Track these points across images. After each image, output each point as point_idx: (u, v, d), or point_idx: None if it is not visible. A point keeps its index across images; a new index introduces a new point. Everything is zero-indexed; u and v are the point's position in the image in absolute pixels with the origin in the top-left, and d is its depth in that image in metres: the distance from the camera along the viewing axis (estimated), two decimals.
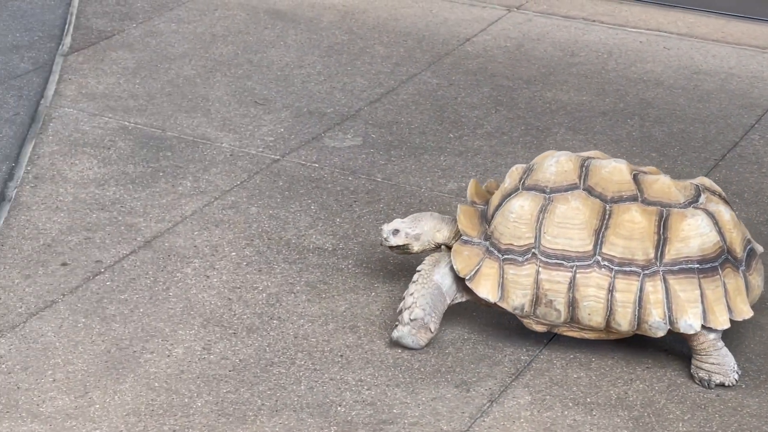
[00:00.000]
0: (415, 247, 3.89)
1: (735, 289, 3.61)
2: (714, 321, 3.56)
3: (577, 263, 3.60)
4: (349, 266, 4.17)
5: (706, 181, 3.81)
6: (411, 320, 3.71)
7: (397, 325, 3.75)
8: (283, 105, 5.27)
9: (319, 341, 3.81)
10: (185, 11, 6.22)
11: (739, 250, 3.67)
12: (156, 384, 3.59)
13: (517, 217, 3.67)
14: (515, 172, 3.81)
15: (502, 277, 3.67)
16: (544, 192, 3.69)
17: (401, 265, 4.16)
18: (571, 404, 3.54)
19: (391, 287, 4.05)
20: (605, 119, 5.16)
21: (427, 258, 3.82)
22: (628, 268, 3.58)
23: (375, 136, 5.01)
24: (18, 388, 3.56)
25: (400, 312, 3.74)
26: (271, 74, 5.55)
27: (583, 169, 3.71)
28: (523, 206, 3.67)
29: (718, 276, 3.59)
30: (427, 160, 4.83)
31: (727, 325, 3.57)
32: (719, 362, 3.60)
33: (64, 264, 4.16)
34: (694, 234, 3.58)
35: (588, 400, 3.56)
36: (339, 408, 3.52)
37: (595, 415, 3.50)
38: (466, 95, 5.37)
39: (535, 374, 3.67)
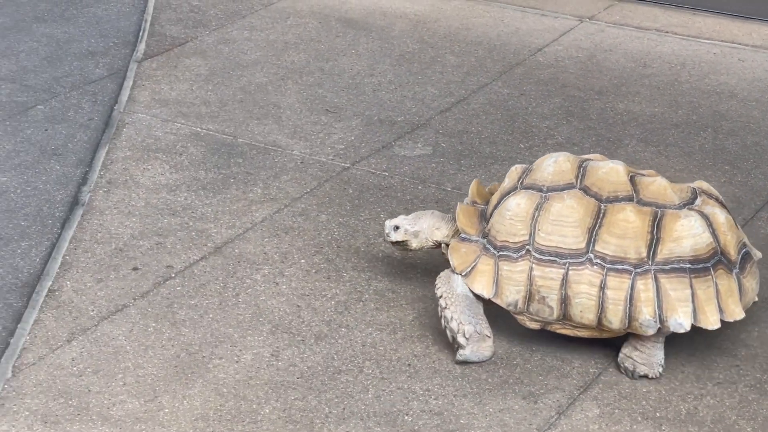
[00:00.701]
0: (414, 243, 3.96)
1: (727, 291, 3.63)
2: (704, 321, 3.59)
3: (570, 260, 3.64)
4: (418, 275, 4.17)
5: (704, 185, 3.84)
6: (467, 338, 3.72)
7: (457, 349, 3.74)
8: (353, 113, 5.28)
9: (387, 350, 3.81)
10: (258, 19, 6.26)
11: (733, 252, 3.69)
12: (224, 390, 3.61)
13: (513, 214, 3.72)
14: (514, 172, 3.87)
15: (497, 273, 3.71)
16: (540, 191, 3.74)
17: None
18: (640, 419, 3.51)
19: None
20: (677, 131, 5.11)
21: (437, 281, 3.81)
22: (620, 266, 3.61)
23: (445, 145, 5.00)
24: (89, 391, 3.59)
25: (453, 339, 3.74)
26: (342, 82, 5.56)
27: (581, 169, 3.76)
28: (519, 204, 3.72)
29: (710, 276, 3.61)
30: (497, 170, 4.82)
31: (717, 325, 3.60)
32: (650, 354, 3.65)
33: (135, 269, 4.20)
34: (687, 234, 3.61)
35: (657, 414, 3.53)
36: (406, 417, 3.51)
37: (664, 430, 3.47)
38: (537, 105, 5.35)
39: (604, 387, 3.64)
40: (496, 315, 3.79)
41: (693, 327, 3.62)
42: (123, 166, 4.84)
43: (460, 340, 3.72)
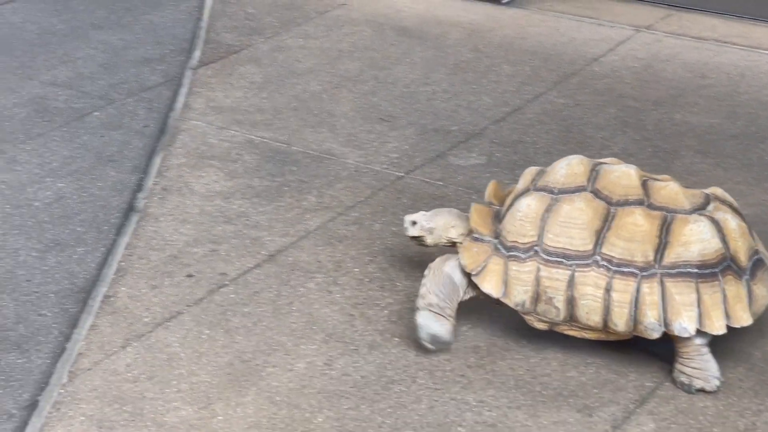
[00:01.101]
0: (429, 240, 3.99)
1: (735, 296, 3.62)
2: (710, 326, 3.58)
3: (577, 262, 3.66)
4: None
5: (718, 191, 3.84)
6: (427, 305, 3.78)
7: (416, 312, 3.80)
8: (408, 122, 5.28)
9: (440, 360, 3.80)
10: (312, 27, 6.28)
11: (743, 258, 3.68)
12: (278, 398, 3.62)
13: (523, 215, 3.74)
14: (528, 174, 3.90)
15: (506, 273, 3.74)
16: (552, 193, 3.76)
17: None
18: None
19: (513, 310, 4.02)
20: (736, 142, 5.07)
21: (438, 258, 3.88)
22: (626, 269, 3.62)
23: (500, 155, 4.99)
24: (143, 397, 3.61)
25: (416, 304, 3.82)
26: (397, 91, 5.57)
27: (593, 172, 3.78)
28: (530, 205, 3.75)
29: (717, 282, 3.61)
30: None
31: (722, 331, 3.58)
32: (702, 367, 3.62)
33: (189, 275, 4.22)
34: (696, 239, 3.61)
35: (714, 430, 3.49)
36: (459, 428, 3.50)
37: None
38: (592, 115, 5.33)
39: (660, 401, 3.61)
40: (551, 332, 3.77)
41: (729, 329, 3.60)
42: (178, 173, 4.87)
43: (420, 301, 3.79)
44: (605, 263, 3.64)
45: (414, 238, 4.02)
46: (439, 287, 3.81)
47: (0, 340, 3.87)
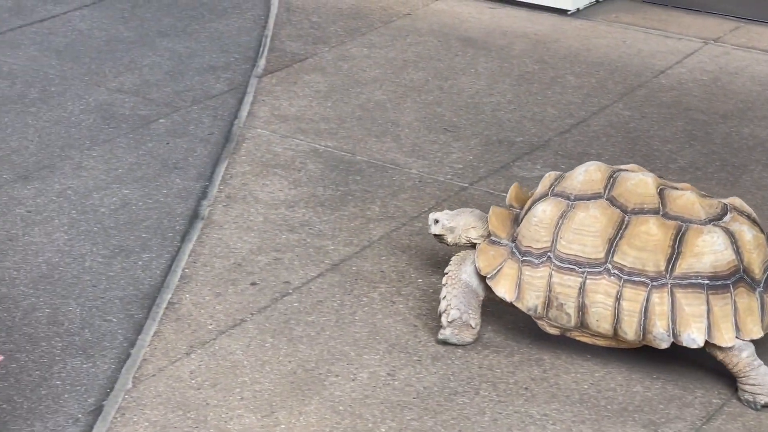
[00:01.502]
0: (449, 239, 4.06)
1: (746, 309, 3.61)
2: (719, 338, 3.58)
3: (588, 269, 3.69)
4: None
5: (737, 202, 3.83)
6: (449, 322, 3.86)
7: (440, 329, 3.89)
8: (472, 133, 5.28)
9: (503, 372, 3.79)
10: (377, 36, 6.29)
11: (758, 271, 3.68)
12: (341, 407, 3.62)
13: (538, 221, 3.78)
14: (547, 179, 3.93)
15: (520, 278, 3.78)
16: (568, 199, 3.79)
17: None
18: None
19: None
20: None
21: (452, 258, 3.95)
22: (636, 278, 3.64)
23: (564, 167, 4.97)
24: (207, 404, 3.63)
25: (440, 316, 3.88)
26: (461, 101, 5.56)
27: (611, 179, 3.79)
28: (545, 211, 3.78)
29: (728, 294, 3.60)
30: None
31: (731, 343, 3.58)
32: (760, 382, 3.59)
33: (253, 283, 4.24)
34: (708, 250, 3.61)
35: None
36: None
37: None
38: (659, 128, 5.30)
39: (728, 419, 3.58)
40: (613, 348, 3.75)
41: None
42: (242, 181, 4.90)
43: (443, 320, 3.87)
44: (616, 272, 3.66)
45: (436, 236, 4.09)
46: (459, 299, 3.87)
47: (66, 345, 3.90)
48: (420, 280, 4.23)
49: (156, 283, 4.23)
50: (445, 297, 3.88)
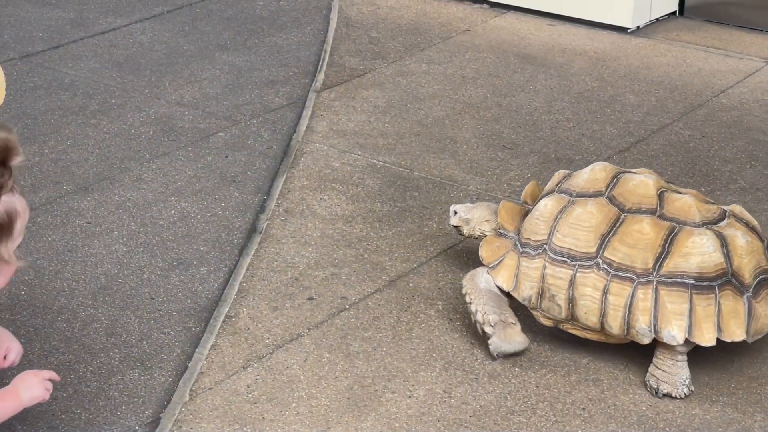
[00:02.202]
0: (465, 230, 4.20)
1: (731, 311, 3.66)
2: (699, 337, 3.65)
3: (579, 263, 3.78)
4: None
5: (737, 209, 3.91)
6: (493, 327, 3.89)
7: (489, 343, 3.90)
8: (530, 150, 5.26)
9: (560, 392, 3.77)
10: (436, 52, 6.29)
11: (747, 276, 3.72)
12: (396, 424, 3.62)
13: (539, 214, 3.89)
14: (556, 177, 4.05)
15: (518, 269, 3.90)
16: (570, 195, 3.90)
17: None
18: None
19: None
20: None
21: (463, 281, 4.01)
22: (624, 274, 3.72)
23: None
24: (263, 418, 3.64)
25: (483, 332, 3.92)
26: (520, 118, 5.55)
27: (614, 179, 3.89)
28: (546, 205, 3.89)
29: (713, 295, 3.66)
30: None
31: (711, 343, 3.65)
32: (671, 372, 3.71)
33: (310, 298, 4.25)
34: (696, 252, 3.68)
35: None
36: None
37: None
38: (719, 148, 5.26)
39: None
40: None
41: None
42: (300, 195, 4.91)
43: (487, 329, 3.89)
44: (605, 266, 3.74)
45: (454, 227, 4.23)
46: (489, 305, 3.92)
47: (124, 357, 3.93)
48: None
49: (213, 297, 4.25)
50: (477, 311, 3.92)
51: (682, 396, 3.71)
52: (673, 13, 6.73)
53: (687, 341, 3.66)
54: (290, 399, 3.73)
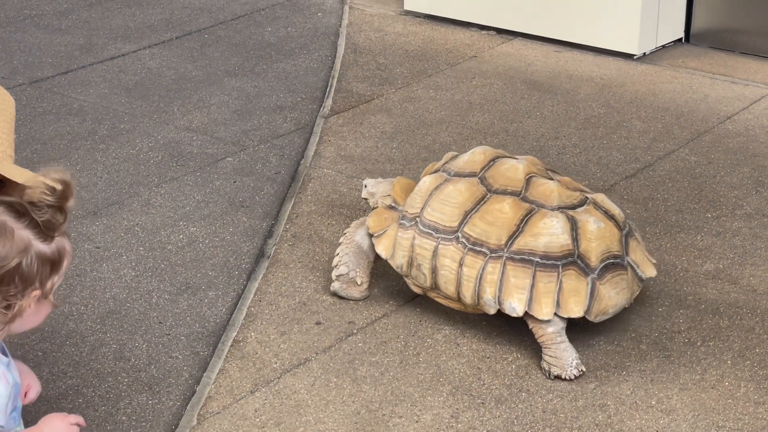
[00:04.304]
0: (371, 202, 4.42)
1: (572, 290, 3.89)
2: (537, 311, 3.89)
3: (442, 236, 4.03)
4: (600, 343, 4.13)
5: (600, 198, 4.13)
6: (337, 276, 4.30)
7: (332, 283, 4.33)
8: None
9: (567, 417, 3.77)
10: (443, 78, 6.32)
11: (594, 259, 3.94)
12: None
13: (418, 189, 4.15)
14: (445, 157, 4.30)
15: (396, 239, 4.15)
16: (449, 174, 4.14)
17: (654, 345, 4.10)
18: None
19: (642, 367, 3.99)
20: None
21: (353, 222, 4.39)
22: (478, 248, 3.96)
23: (630, 212, 4.96)
24: None
25: (332, 271, 4.32)
26: (527, 144, 5.57)
27: (491, 162, 4.14)
28: (425, 182, 4.15)
29: (555, 273, 3.89)
30: (683, 239, 4.76)
31: (548, 317, 3.88)
32: (558, 356, 3.91)
33: (318, 323, 4.26)
34: (545, 233, 3.91)
35: None
36: None
37: None
38: (725, 174, 5.27)
39: None
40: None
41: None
42: (308, 220, 4.93)
43: (333, 274, 4.32)
44: (464, 240, 3.99)
45: (364, 198, 4.46)
46: (349, 257, 4.28)
47: (132, 381, 3.94)
48: (484, 323, 4.23)
49: (221, 321, 4.27)
50: (338, 254, 4.30)
51: (572, 377, 3.90)
52: (679, 39, 6.75)
53: (527, 315, 3.91)
54: (298, 423, 3.74)
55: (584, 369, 3.93)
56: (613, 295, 3.97)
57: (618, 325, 4.20)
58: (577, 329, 4.18)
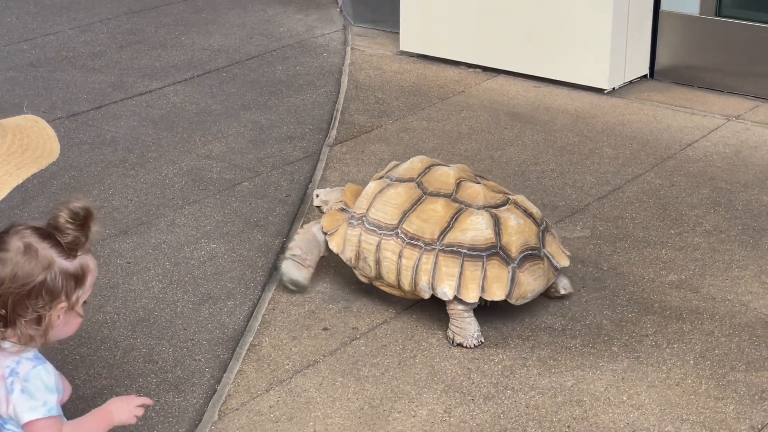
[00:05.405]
0: (324, 209, 4.53)
1: (494, 277, 4.04)
2: (465, 295, 4.04)
3: (384, 232, 4.17)
4: (577, 345, 4.14)
5: (520, 198, 4.29)
6: (291, 255, 4.40)
7: (282, 260, 4.45)
8: None
9: (548, 411, 3.78)
10: (435, 111, 6.34)
11: (514, 250, 4.10)
12: None
13: (364, 193, 4.31)
14: (389, 166, 4.43)
15: (346, 236, 4.27)
16: (391, 180, 4.29)
17: (625, 348, 4.10)
18: None
19: (614, 367, 3.99)
20: None
21: (311, 221, 4.55)
22: (415, 242, 4.11)
23: (602, 229, 4.97)
24: None
25: (285, 255, 4.43)
26: (510, 169, 5.58)
27: (427, 169, 4.28)
28: (371, 187, 4.31)
29: (480, 263, 4.04)
30: (650, 253, 4.76)
31: (474, 300, 4.03)
32: (462, 327, 4.08)
33: (325, 329, 4.26)
34: (472, 228, 4.07)
35: None
36: None
37: None
38: (686, 195, 5.28)
39: None
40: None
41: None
42: None
43: (287, 253, 4.44)
44: (402, 235, 4.13)
45: (317, 207, 4.57)
46: (304, 242, 4.39)
47: (160, 381, 3.94)
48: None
49: (239, 327, 4.27)
50: (294, 239, 4.43)
51: (472, 346, 4.07)
52: (645, 75, 6.77)
53: (458, 299, 4.04)
54: (308, 418, 3.74)
55: (483, 340, 4.09)
56: (531, 282, 4.11)
57: (592, 330, 4.21)
58: (556, 333, 4.20)
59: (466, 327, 4.08)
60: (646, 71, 6.76)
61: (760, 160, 5.61)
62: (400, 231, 4.14)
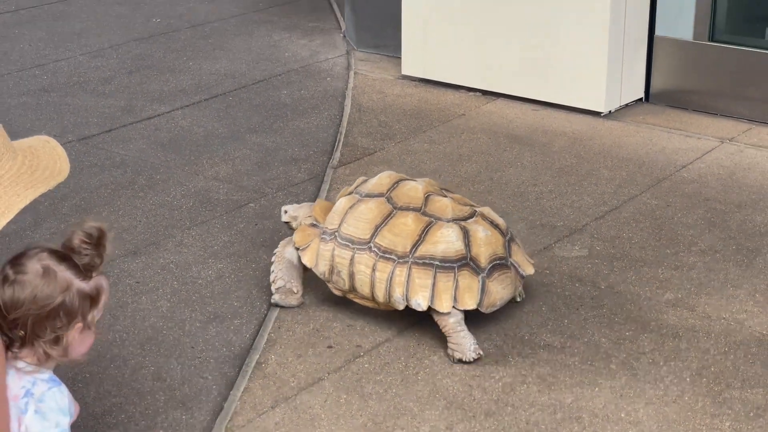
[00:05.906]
0: (294, 225, 4.52)
1: (465, 287, 4.07)
2: (438, 305, 4.06)
3: (357, 246, 4.18)
4: (576, 363, 4.12)
5: (486, 210, 4.33)
6: (276, 289, 4.41)
7: (272, 296, 4.44)
8: (518, 218, 5.28)
9: (548, 428, 3.76)
10: (436, 134, 6.33)
11: (483, 261, 4.13)
12: None
13: (335, 209, 4.31)
14: (357, 181, 4.45)
15: (318, 251, 4.28)
16: (361, 195, 4.30)
17: (623, 365, 4.08)
18: None
19: (613, 384, 3.97)
20: None
21: (281, 242, 4.50)
22: (388, 256, 4.12)
23: (599, 249, 4.96)
24: None
25: (271, 286, 4.43)
26: (509, 191, 5.58)
27: (395, 184, 4.30)
28: (341, 202, 4.32)
29: (452, 274, 4.07)
30: (646, 272, 4.75)
31: (447, 310, 4.05)
32: (458, 342, 4.06)
33: (329, 347, 4.24)
34: (443, 240, 4.09)
35: None
36: None
37: None
38: (682, 215, 5.27)
39: None
40: None
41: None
42: None
43: (272, 288, 4.43)
44: (375, 249, 4.15)
45: (285, 223, 4.55)
46: (283, 271, 4.41)
47: (168, 399, 3.92)
48: (474, 346, 4.21)
49: (246, 345, 4.25)
50: (273, 271, 4.41)
51: (472, 359, 4.04)
52: (640, 99, 6.77)
53: (431, 309, 4.07)
54: None
55: (482, 353, 4.07)
56: (500, 290, 4.16)
57: (591, 348, 4.19)
58: (556, 351, 4.18)
59: (461, 341, 4.07)
60: (642, 95, 6.76)
61: (753, 181, 5.60)
62: (372, 245, 4.15)
